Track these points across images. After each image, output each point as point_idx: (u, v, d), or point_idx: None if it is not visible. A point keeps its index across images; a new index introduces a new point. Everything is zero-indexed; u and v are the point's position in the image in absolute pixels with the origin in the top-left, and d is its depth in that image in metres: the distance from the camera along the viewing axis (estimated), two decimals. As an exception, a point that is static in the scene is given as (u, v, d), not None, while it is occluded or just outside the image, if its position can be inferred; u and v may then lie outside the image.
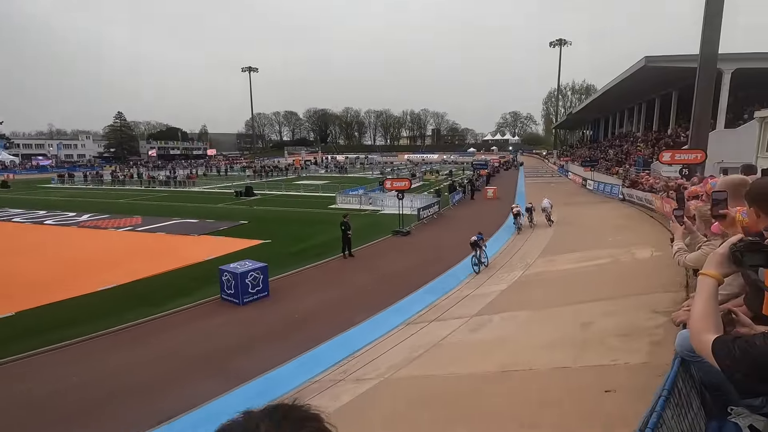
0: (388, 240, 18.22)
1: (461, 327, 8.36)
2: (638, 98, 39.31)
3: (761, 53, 24.08)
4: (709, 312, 1.35)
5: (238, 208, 27.55)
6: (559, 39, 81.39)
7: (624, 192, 23.57)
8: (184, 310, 10.42)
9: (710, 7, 16.79)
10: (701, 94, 18.06)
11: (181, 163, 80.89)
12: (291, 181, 48.08)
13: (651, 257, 10.07)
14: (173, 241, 18.02)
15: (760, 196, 1.68)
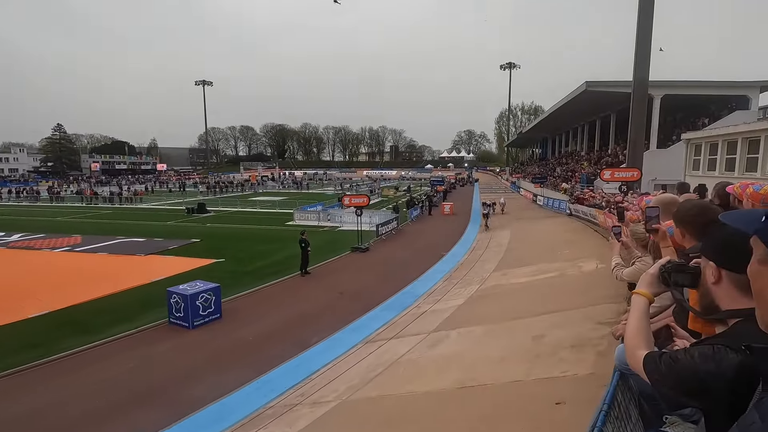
0: (347, 257, 18.08)
1: (419, 344, 8.37)
2: (581, 119, 42.05)
3: (685, 81, 26.61)
4: (641, 329, 1.43)
5: (189, 226, 26.38)
6: (509, 62, 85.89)
7: (571, 207, 24.89)
8: (126, 337, 9.72)
9: (640, 41, 18.41)
10: (635, 117, 19.62)
11: (127, 178, 76.71)
12: (246, 197, 46.81)
13: (596, 270, 10.63)
14: (116, 262, 16.89)
15: (684, 219, 1.82)
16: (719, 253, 1.16)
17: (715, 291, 1.19)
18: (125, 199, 43.67)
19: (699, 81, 26.90)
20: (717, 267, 1.16)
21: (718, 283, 1.17)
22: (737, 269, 1.07)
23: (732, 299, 1.13)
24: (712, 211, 1.79)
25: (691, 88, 26.50)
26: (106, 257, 17.78)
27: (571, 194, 27.66)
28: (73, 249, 19.36)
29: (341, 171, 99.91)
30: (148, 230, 24.16)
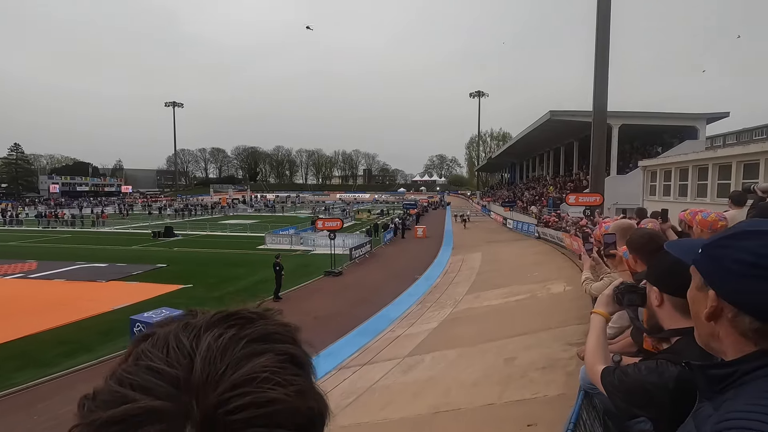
0: (320, 281, 17.87)
1: (394, 369, 8.31)
2: (547, 146, 43.94)
3: (640, 112, 28.50)
4: (598, 346, 1.55)
5: (155, 250, 25.45)
6: (478, 91, 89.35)
7: (539, 230, 25.68)
8: (84, 369, 9.17)
9: (598, 74, 19.66)
10: (596, 145, 20.71)
11: (89, 201, 73.63)
12: (216, 220, 45.78)
13: (564, 291, 10.97)
14: (75, 289, 16.03)
15: (635, 247, 1.99)
16: (661, 280, 1.30)
17: (659, 313, 1.32)
18: (89, 222, 41.77)
19: (652, 112, 28.87)
20: (659, 292, 1.30)
21: (661, 305, 1.30)
22: (677, 294, 1.20)
23: (673, 320, 1.26)
24: (660, 239, 1.97)
25: (645, 119, 28.36)
26: (63, 284, 16.86)
27: (539, 218, 28.59)
28: (27, 276, 18.27)
29: (314, 194, 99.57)
30: (111, 255, 23.15)
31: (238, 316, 0.45)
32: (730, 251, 0.74)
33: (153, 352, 0.40)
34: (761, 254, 0.71)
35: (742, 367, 0.72)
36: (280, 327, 0.45)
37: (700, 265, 0.81)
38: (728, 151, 15.95)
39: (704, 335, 0.82)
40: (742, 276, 0.72)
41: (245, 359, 0.39)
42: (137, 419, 0.34)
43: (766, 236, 0.73)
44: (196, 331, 0.42)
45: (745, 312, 0.72)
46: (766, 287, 0.69)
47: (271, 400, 0.37)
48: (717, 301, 0.75)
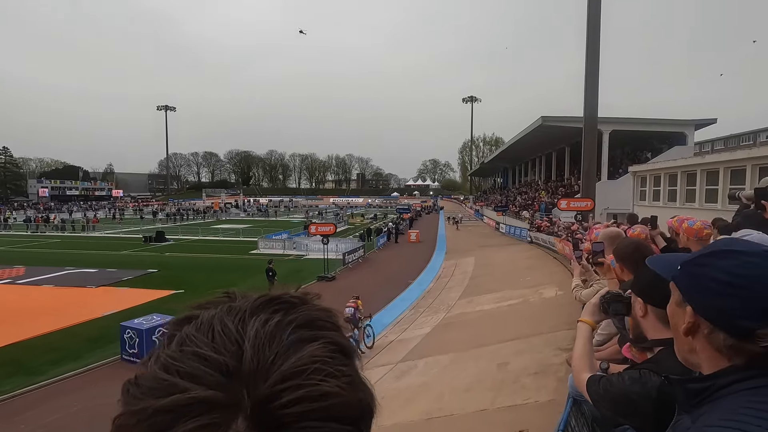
0: (313, 286, 17.79)
1: (386, 375, 8.30)
2: (539, 151, 44.29)
3: (630, 118, 28.85)
4: (585, 354, 1.57)
5: (146, 255, 25.21)
6: (470, 96, 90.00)
7: (531, 235, 25.84)
8: (73, 377, 9.04)
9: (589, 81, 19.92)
10: (587, 150, 20.94)
11: (79, 205, 72.78)
12: (209, 225, 45.46)
13: (556, 296, 11.04)
14: (64, 295, 15.81)
15: (622, 256, 2.03)
16: (645, 292, 1.33)
17: (643, 323, 1.35)
18: (79, 227, 41.24)
19: (642, 118, 29.23)
20: (644, 303, 1.33)
21: (645, 316, 1.33)
22: (661, 305, 1.23)
23: (657, 330, 1.29)
24: (646, 248, 2.01)
25: (635, 125, 28.71)
26: (52, 290, 16.62)
27: (531, 222, 28.78)
28: (14, 281, 18.00)
29: (308, 198, 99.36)
30: (101, 260, 22.88)
31: (282, 300, 0.43)
32: (707, 269, 0.77)
33: (198, 337, 0.38)
34: (736, 273, 0.73)
35: (718, 381, 0.74)
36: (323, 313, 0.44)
37: (679, 282, 0.84)
38: (716, 157, 16.21)
39: (682, 349, 0.84)
40: (718, 294, 0.74)
41: (293, 347, 0.37)
42: (188, 409, 0.33)
43: (741, 256, 0.75)
44: (241, 315, 0.40)
45: (719, 328, 0.74)
46: (739, 305, 0.72)
47: (325, 393, 0.35)
48: (694, 317, 0.78)
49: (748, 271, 0.73)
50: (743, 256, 0.75)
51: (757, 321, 0.70)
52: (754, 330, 0.70)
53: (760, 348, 0.69)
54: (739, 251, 0.76)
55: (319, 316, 0.43)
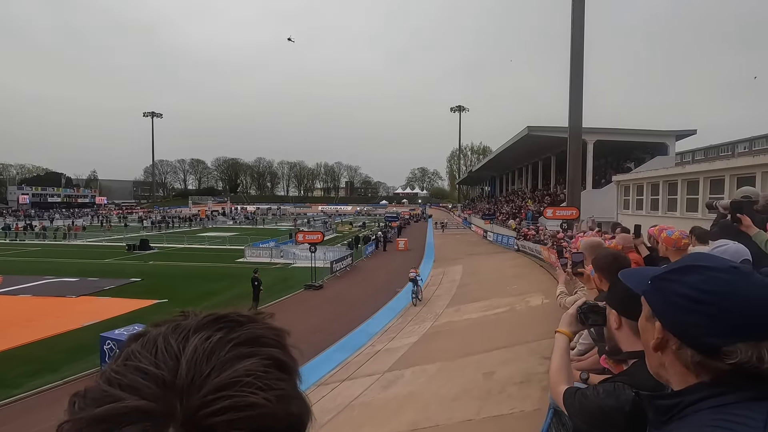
0: (300, 295, 17.64)
1: (373, 385, 8.23)
2: (525, 160, 44.88)
3: (613, 129, 29.45)
4: (562, 365, 1.58)
5: (129, 264, 24.73)
6: (458, 105, 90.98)
7: (518, 243, 26.05)
8: (49, 390, 8.77)
9: (573, 91, 20.33)
10: (572, 160, 21.29)
11: (61, 212, 71.23)
12: (195, 232, 44.84)
13: (542, 304, 11.11)
14: (42, 305, 15.38)
15: (600, 266, 2.05)
16: (619, 304, 1.34)
17: (618, 335, 1.36)
18: (61, 234, 40.29)
19: (625, 129, 29.87)
20: (618, 315, 1.34)
21: (620, 328, 1.34)
22: (634, 318, 1.24)
23: (631, 343, 1.30)
24: (624, 259, 2.04)
25: (618, 135, 29.31)
26: (29, 300, 16.16)
27: (518, 231, 29.03)
28: (-9, 291, 17.46)
29: (296, 206, 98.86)
30: (83, 269, 22.35)
31: (228, 319, 0.45)
32: (675, 285, 0.77)
33: (142, 353, 0.41)
34: (702, 289, 0.73)
35: (686, 398, 0.74)
36: (268, 331, 0.46)
37: (649, 297, 0.84)
38: (695, 168, 16.62)
39: (653, 364, 0.84)
40: (685, 310, 0.74)
41: (230, 362, 0.40)
42: (123, 418, 0.35)
43: (708, 271, 0.75)
44: (185, 333, 0.43)
45: (687, 345, 0.74)
46: (705, 322, 0.72)
47: (251, 404, 0.38)
48: (663, 332, 0.78)
49: (715, 287, 0.73)
50: (710, 272, 0.75)
51: (723, 338, 0.70)
52: (720, 347, 0.69)
53: (726, 365, 0.69)
54: (706, 267, 0.76)
55: (264, 333, 0.45)
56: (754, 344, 0.68)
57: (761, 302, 0.71)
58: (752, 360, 0.67)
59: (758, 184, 11.87)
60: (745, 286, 0.72)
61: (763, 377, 0.68)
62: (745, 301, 0.71)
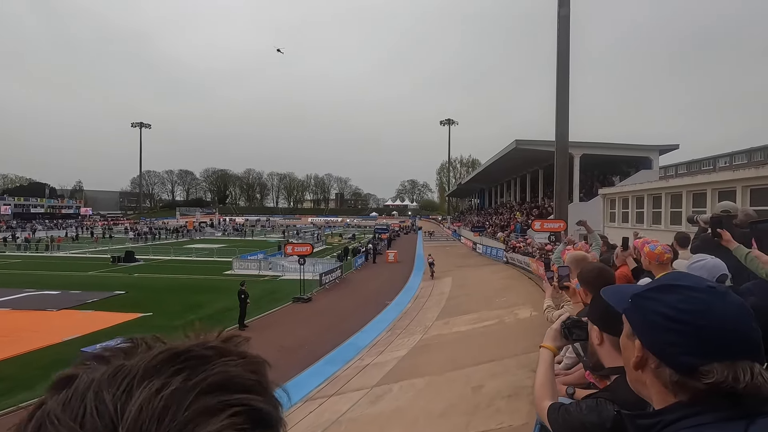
0: (288, 308, 17.42)
1: (361, 400, 8.10)
2: (513, 173, 45.42)
3: (599, 143, 30.05)
4: (546, 381, 1.57)
5: (114, 276, 24.23)
6: (448, 119, 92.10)
7: (507, 255, 26.19)
8: (24, 409, 8.43)
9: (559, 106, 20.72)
10: (559, 173, 21.58)
11: (44, 223, 69.76)
12: (182, 244, 44.22)
13: (530, 317, 11.14)
14: (21, 319, 14.93)
15: (585, 280, 2.06)
16: (601, 320, 1.35)
17: (600, 351, 1.36)
18: (44, 246, 39.37)
19: (610, 143, 30.52)
20: (599, 331, 1.34)
21: (602, 344, 1.34)
22: (615, 334, 1.24)
23: (612, 358, 1.30)
24: (609, 273, 2.05)
25: (604, 149, 29.90)
26: (8, 314, 15.68)
27: (507, 243, 29.22)
28: (-33, 305, 16.90)
29: (285, 218, 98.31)
30: (65, 281, 21.82)
31: (190, 355, 0.33)
32: (654, 304, 0.78)
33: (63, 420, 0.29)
34: (679, 309, 0.74)
35: (665, 417, 0.74)
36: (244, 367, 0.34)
37: (629, 315, 0.84)
38: (679, 181, 16.97)
39: (633, 381, 0.85)
40: (663, 329, 0.75)
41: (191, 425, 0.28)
42: None
43: (685, 291, 0.76)
44: (127, 383, 0.30)
45: (665, 364, 0.74)
46: (682, 341, 0.72)
47: None
48: (642, 351, 0.78)
49: (692, 307, 0.73)
50: (687, 291, 0.76)
51: (700, 357, 0.70)
52: (696, 366, 0.70)
53: (703, 385, 0.69)
54: (684, 286, 0.77)
55: (237, 374, 0.33)
56: (729, 364, 0.68)
57: (736, 321, 0.72)
58: (728, 380, 0.68)
59: (738, 197, 12.15)
60: (721, 305, 0.73)
61: (739, 397, 0.68)
62: (721, 320, 0.72)
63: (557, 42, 19.73)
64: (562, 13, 19.74)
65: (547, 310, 4.20)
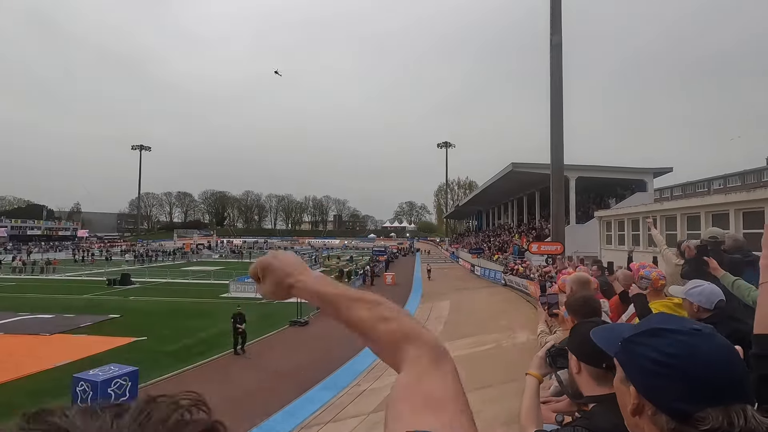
0: (285, 332, 17.25)
1: (358, 426, 7.98)
2: (510, 195, 45.79)
3: (594, 166, 30.50)
4: (531, 408, 1.61)
5: (109, 299, 23.99)
6: (445, 141, 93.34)
7: (505, 278, 26.14)
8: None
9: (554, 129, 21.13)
10: (555, 196, 21.82)
11: (40, 246, 69.41)
12: (179, 266, 43.97)
13: (527, 341, 11.07)
14: (12, 344, 14.70)
15: (572, 309, 2.13)
16: (578, 350, 1.41)
17: (578, 379, 1.42)
18: (38, 268, 39.11)
19: (605, 166, 30.94)
20: (578, 360, 1.40)
21: (579, 373, 1.40)
22: (593, 364, 1.31)
23: (590, 387, 1.36)
24: (594, 301, 2.12)
25: (599, 172, 30.30)
26: (1, 338, 15.45)
27: (505, 265, 29.20)
28: (-41, 329, 16.67)
29: (283, 239, 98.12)
30: (60, 305, 21.58)
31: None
32: (642, 348, 0.76)
33: None
34: (667, 353, 0.72)
35: None
36: None
37: (620, 359, 0.82)
38: (673, 204, 17.17)
39: (632, 427, 0.81)
40: (653, 374, 0.73)
41: None
42: None
43: (671, 334, 0.74)
44: None
45: (661, 411, 0.72)
46: (672, 386, 0.71)
47: None
48: (638, 397, 0.76)
49: (678, 351, 0.72)
50: (673, 335, 0.74)
51: (693, 404, 0.68)
52: (691, 413, 0.68)
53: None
54: (669, 330, 0.76)
55: None
56: (723, 409, 0.67)
57: (723, 364, 0.71)
58: (723, 425, 0.66)
59: (731, 220, 12.30)
60: (707, 349, 0.72)
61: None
62: (707, 363, 0.70)
63: (550, 69, 20.30)
64: (554, 41, 20.41)
65: (540, 335, 4.22)
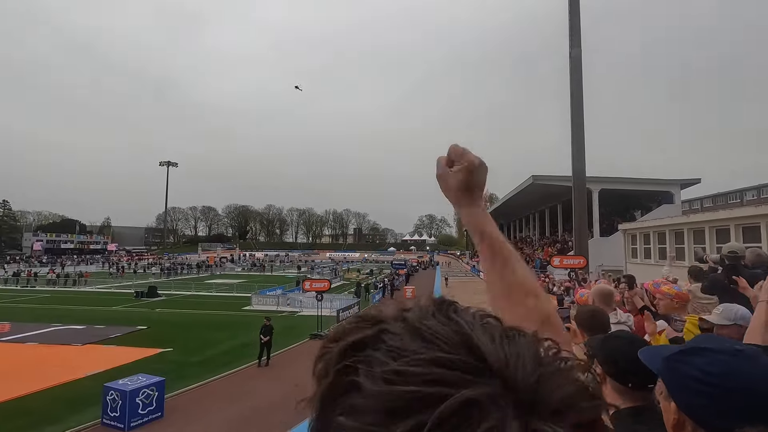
0: (306, 344, 17.37)
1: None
2: (532, 208, 45.23)
3: (618, 177, 29.86)
4: None
5: (137, 311, 24.73)
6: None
7: (527, 292, 25.61)
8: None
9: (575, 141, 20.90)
10: (577, 208, 21.45)
11: (72, 259, 72.21)
12: (202, 279, 44.96)
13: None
14: (46, 354, 15.32)
15: (580, 322, 2.19)
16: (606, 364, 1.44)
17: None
18: (71, 281, 40.69)
19: (629, 178, 30.28)
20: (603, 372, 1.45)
21: (603, 383, 1.45)
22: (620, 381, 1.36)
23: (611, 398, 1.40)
24: (603, 316, 2.18)
25: (623, 184, 29.64)
26: (35, 348, 16.13)
27: (527, 279, 28.68)
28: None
29: (304, 253, 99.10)
30: (90, 316, 22.40)
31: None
32: (684, 367, 0.77)
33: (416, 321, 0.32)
34: (707, 372, 0.74)
35: None
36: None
37: (663, 377, 0.84)
38: (701, 217, 16.68)
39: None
40: (694, 392, 0.74)
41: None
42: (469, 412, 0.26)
43: (712, 354, 0.76)
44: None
45: (702, 427, 0.73)
46: (712, 404, 0.72)
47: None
48: (678, 413, 0.78)
49: (719, 370, 0.73)
50: (715, 354, 0.76)
51: (732, 421, 0.69)
52: (732, 430, 0.68)
53: None
54: (710, 349, 0.77)
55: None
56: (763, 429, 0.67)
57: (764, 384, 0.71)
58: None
59: (763, 234, 11.88)
60: (749, 369, 0.73)
61: None
62: (749, 383, 0.71)
63: (570, 81, 20.19)
64: (573, 54, 20.34)
65: None
